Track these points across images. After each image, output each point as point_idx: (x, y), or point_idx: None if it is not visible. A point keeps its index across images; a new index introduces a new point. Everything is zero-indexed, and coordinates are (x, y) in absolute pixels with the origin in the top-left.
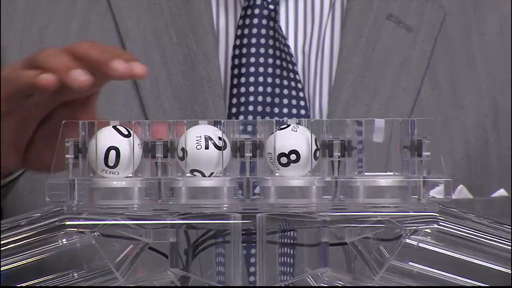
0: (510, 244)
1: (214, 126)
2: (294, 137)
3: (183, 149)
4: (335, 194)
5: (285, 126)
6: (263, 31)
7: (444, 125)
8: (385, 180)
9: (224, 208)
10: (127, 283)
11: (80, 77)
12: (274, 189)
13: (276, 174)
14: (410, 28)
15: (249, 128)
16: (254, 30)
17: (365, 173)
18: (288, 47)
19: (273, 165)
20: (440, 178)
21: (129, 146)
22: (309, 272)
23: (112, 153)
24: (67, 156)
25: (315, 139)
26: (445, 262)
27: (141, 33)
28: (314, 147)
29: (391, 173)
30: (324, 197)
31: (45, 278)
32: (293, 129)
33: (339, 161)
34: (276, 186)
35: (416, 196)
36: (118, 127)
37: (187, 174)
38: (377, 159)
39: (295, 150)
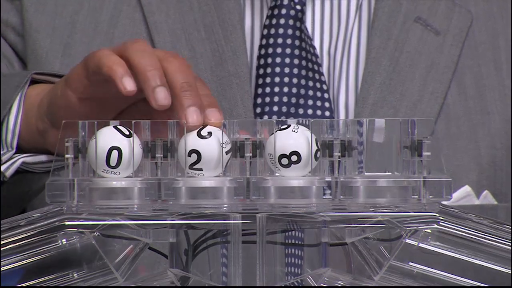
0: (510, 244)
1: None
2: (295, 138)
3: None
4: (335, 194)
5: (286, 126)
6: (290, 32)
7: (471, 130)
8: (385, 180)
9: (224, 208)
10: (127, 283)
11: (164, 100)
12: (274, 189)
13: (276, 174)
14: (438, 31)
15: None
16: (281, 30)
17: (365, 173)
18: (314, 48)
19: (274, 166)
20: (440, 178)
21: (130, 146)
22: (309, 272)
23: (114, 153)
24: (67, 156)
25: (316, 139)
26: (445, 262)
27: (170, 27)
28: (314, 148)
29: (391, 173)
30: (324, 197)
31: (45, 278)
32: (293, 130)
33: (339, 161)
34: (276, 186)
35: (416, 196)
36: (119, 127)
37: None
38: (378, 159)
39: (296, 151)
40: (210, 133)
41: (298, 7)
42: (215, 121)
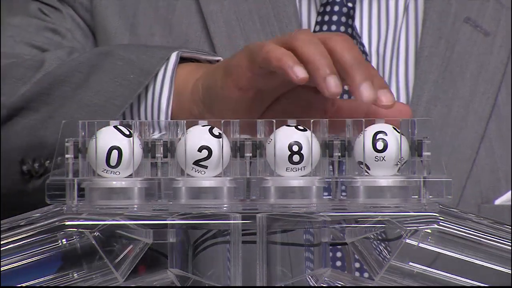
0: (510, 244)
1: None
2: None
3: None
4: (335, 194)
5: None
6: (342, 29)
7: None
8: (385, 180)
9: (224, 208)
10: (127, 283)
11: (335, 88)
12: (274, 189)
13: (276, 174)
14: (488, 32)
15: None
16: (333, 27)
17: (365, 173)
18: (363, 46)
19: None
20: (440, 178)
21: (130, 146)
22: (309, 272)
23: (114, 153)
24: (67, 156)
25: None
26: (445, 262)
27: (225, 17)
28: (318, 147)
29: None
30: (324, 197)
31: (45, 278)
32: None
33: (339, 161)
34: (276, 186)
35: (417, 196)
36: (119, 127)
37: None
38: None
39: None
40: (220, 134)
41: (350, 4)
42: (386, 103)
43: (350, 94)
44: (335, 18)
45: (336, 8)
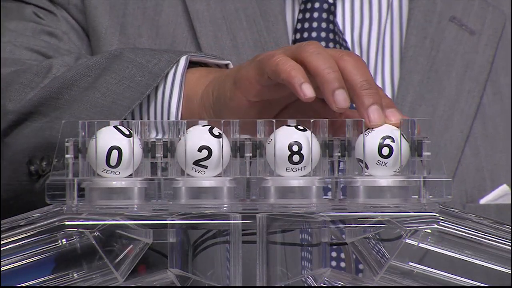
0: (510, 244)
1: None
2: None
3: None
4: (335, 194)
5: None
6: (323, 25)
7: (507, 130)
8: (385, 180)
9: (224, 208)
10: (127, 283)
11: (343, 103)
12: (274, 189)
13: (276, 174)
14: (473, 31)
15: None
16: (314, 24)
17: (365, 173)
18: (346, 42)
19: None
20: (440, 178)
21: (130, 146)
22: (308, 272)
23: (114, 153)
24: (67, 156)
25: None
26: (445, 262)
27: (211, 16)
28: (317, 147)
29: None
30: (324, 197)
31: (45, 278)
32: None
33: (339, 161)
34: (276, 186)
35: (416, 196)
36: (119, 127)
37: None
38: None
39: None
40: (220, 134)
41: (330, 0)
42: (395, 121)
43: None
44: (316, 14)
45: (317, 4)
